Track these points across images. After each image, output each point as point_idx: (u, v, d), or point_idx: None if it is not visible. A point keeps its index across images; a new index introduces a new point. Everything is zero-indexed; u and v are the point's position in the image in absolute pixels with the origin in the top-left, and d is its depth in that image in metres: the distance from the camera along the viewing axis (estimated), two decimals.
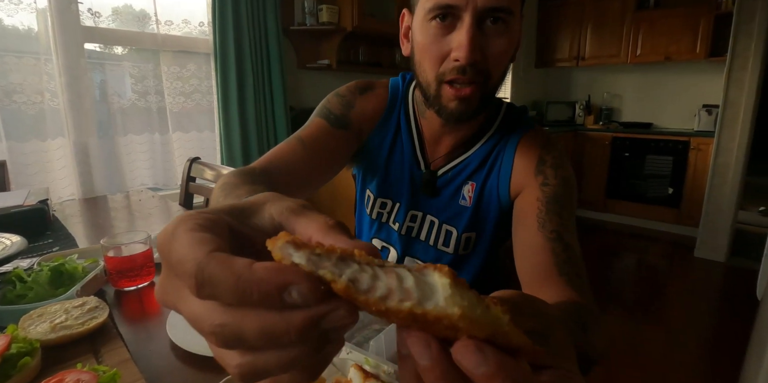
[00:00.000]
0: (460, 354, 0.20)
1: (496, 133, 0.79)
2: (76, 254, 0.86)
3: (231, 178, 0.58)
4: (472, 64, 0.63)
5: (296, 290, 0.19)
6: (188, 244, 0.21)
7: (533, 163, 0.74)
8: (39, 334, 0.58)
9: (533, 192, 0.72)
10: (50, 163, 1.77)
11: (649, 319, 2.40)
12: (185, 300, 0.21)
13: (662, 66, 4.23)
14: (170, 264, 0.21)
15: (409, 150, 0.83)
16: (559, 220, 0.67)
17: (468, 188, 0.80)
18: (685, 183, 3.70)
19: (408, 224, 0.87)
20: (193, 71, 2.12)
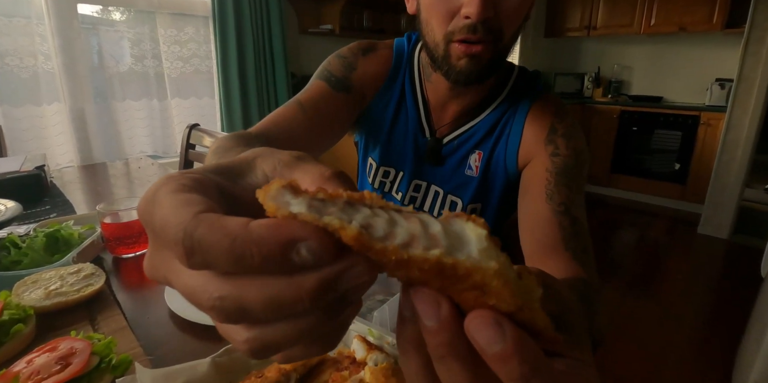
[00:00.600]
0: (475, 326, 0.17)
1: (506, 99, 0.75)
2: (72, 220, 0.84)
3: (224, 142, 0.55)
4: (483, 22, 0.58)
5: (305, 247, 0.16)
6: (172, 207, 0.17)
7: (544, 132, 0.70)
8: (33, 301, 0.56)
9: (542, 163, 0.68)
10: (46, 128, 1.73)
11: (648, 294, 2.41)
12: (177, 272, 0.18)
13: (676, 37, 4.09)
14: (155, 233, 0.18)
15: (413, 116, 0.79)
16: (568, 193, 0.64)
17: (475, 157, 0.76)
18: (693, 159, 3.65)
19: (411, 194, 0.84)
20: (191, 35, 2.04)
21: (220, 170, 0.22)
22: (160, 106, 2.00)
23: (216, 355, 0.45)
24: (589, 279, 0.55)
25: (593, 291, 0.52)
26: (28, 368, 0.43)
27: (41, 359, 0.44)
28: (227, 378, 0.44)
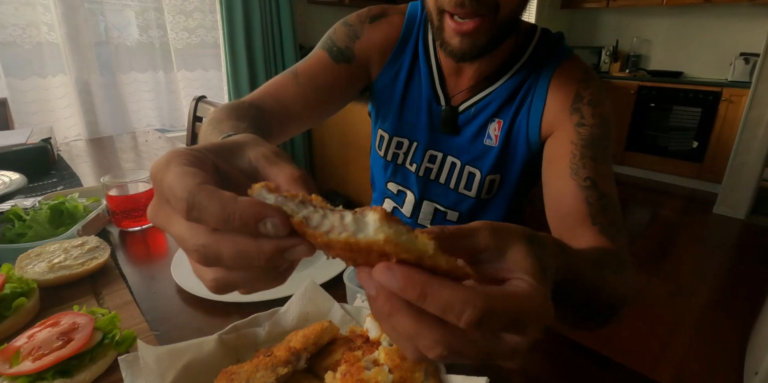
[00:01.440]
0: (377, 274, 0.22)
1: (527, 64, 0.70)
2: (77, 193, 0.83)
3: (218, 113, 0.58)
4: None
5: (270, 222, 0.22)
6: (180, 175, 0.23)
7: (569, 99, 0.66)
8: (36, 274, 0.55)
9: (567, 134, 0.64)
10: (52, 101, 1.71)
11: (661, 273, 2.38)
12: (174, 222, 0.24)
13: (700, 8, 3.91)
14: (162, 191, 0.24)
15: (427, 83, 0.75)
16: (594, 166, 0.61)
17: (494, 126, 0.72)
18: (712, 136, 3.54)
19: (426, 165, 0.80)
20: (196, 4, 1.98)
21: (216, 150, 0.29)
22: (166, 79, 1.96)
23: (223, 332, 0.43)
24: (613, 247, 0.55)
25: (612, 256, 0.51)
26: (29, 343, 0.41)
27: (43, 334, 0.42)
28: (234, 356, 0.43)
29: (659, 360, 1.72)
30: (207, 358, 0.41)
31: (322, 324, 0.42)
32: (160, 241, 0.78)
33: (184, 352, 0.40)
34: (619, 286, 0.46)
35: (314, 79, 0.73)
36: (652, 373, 1.66)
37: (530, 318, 0.23)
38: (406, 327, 0.23)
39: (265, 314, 0.47)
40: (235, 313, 0.53)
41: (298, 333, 0.41)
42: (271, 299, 0.55)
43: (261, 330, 0.45)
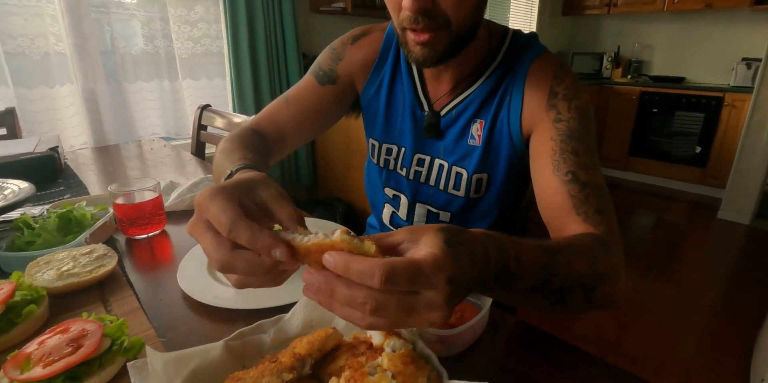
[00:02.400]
0: (324, 259, 0.33)
1: (502, 64, 0.73)
2: (85, 201, 0.84)
3: (228, 144, 0.70)
4: (423, 12, 0.58)
5: (278, 250, 0.35)
6: (224, 209, 0.36)
7: (545, 96, 0.69)
8: (45, 282, 0.56)
9: (546, 130, 0.68)
10: (60, 110, 1.73)
11: (666, 279, 2.37)
12: (206, 238, 0.37)
13: (701, 14, 3.92)
14: (206, 215, 0.37)
15: (409, 90, 0.80)
16: (575, 159, 0.64)
17: (476, 126, 0.75)
18: (715, 142, 3.54)
19: (415, 168, 0.83)
20: (201, 14, 2.00)
21: (239, 187, 0.41)
22: (172, 87, 1.98)
23: (229, 339, 0.44)
24: (595, 232, 0.59)
25: (589, 242, 0.55)
26: (40, 350, 0.42)
27: (53, 340, 0.43)
28: (240, 363, 0.43)
29: (665, 367, 1.71)
30: (213, 364, 0.41)
31: (326, 330, 0.43)
32: (166, 249, 0.79)
33: (191, 358, 0.40)
34: (589, 265, 0.50)
35: (303, 102, 0.83)
36: (658, 380, 1.65)
37: (428, 272, 0.32)
38: (343, 294, 0.32)
39: (270, 321, 0.48)
40: (241, 320, 0.54)
41: (302, 339, 0.42)
42: (276, 306, 0.56)
43: (266, 336, 0.46)
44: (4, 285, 0.51)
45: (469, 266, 0.35)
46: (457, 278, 0.33)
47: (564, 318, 2.01)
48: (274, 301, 0.57)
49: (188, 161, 1.41)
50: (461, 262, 0.34)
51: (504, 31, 0.75)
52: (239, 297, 0.60)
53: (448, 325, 0.49)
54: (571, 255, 0.49)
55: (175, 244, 0.80)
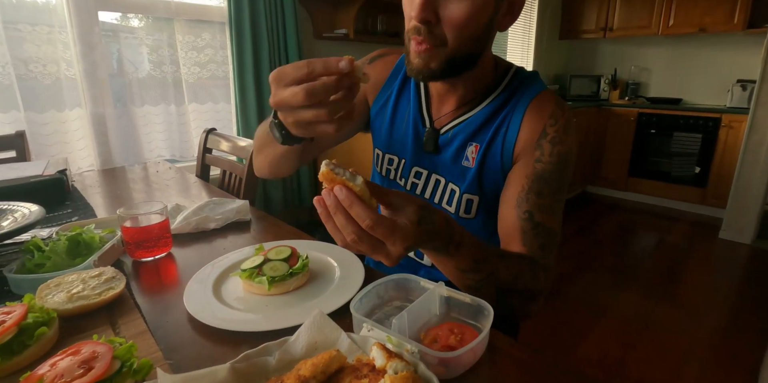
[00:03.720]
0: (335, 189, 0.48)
1: (502, 94, 0.78)
2: (93, 224, 0.86)
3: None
4: (426, 24, 0.64)
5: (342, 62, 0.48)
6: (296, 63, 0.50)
7: (536, 134, 0.74)
8: (56, 304, 0.57)
9: (526, 166, 0.73)
10: (68, 133, 1.77)
11: (669, 300, 2.36)
12: (278, 92, 0.51)
13: (695, 38, 4.02)
14: (284, 76, 0.50)
15: (415, 106, 0.85)
16: (536, 200, 0.71)
17: (472, 149, 0.80)
18: (714, 162, 3.57)
19: (413, 180, 0.88)
20: (207, 41, 2.07)
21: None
22: (178, 111, 2.02)
23: (235, 361, 0.45)
24: (528, 255, 0.71)
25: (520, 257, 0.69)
26: (52, 371, 0.43)
27: (64, 362, 0.44)
28: None
29: None
30: None
31: (330, 353, 0.44)
32: (172, 271, 0.80)
33: (199, 380, 0.42)
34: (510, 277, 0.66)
35: None
36: None
37: (397, 236, 0.48)
38: (341, 221, 0.48)
39: (275, 343, 0.49)
40: (246, 343, 0.55)
41: (307, 361, 0.43)
42: (281, 328, 0.57)
43: (271, 358, 0.47)
44: (17, 308, 0.53)
45: (425, 240, 0.53)
46: (411, 247, 0.50)
47: (567, 339, 1.99)
48: (279, 324, 0.58)
49: (193, 184, 1.44)
50: (420, 237, 0.51)
51: (508, 66, 0.81)
52: (245, 319, 0.61)
53: (449, 348, 0.50)
54: (500, 264, 0.65)
55: (181, 267, 0.81)
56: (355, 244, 0.49)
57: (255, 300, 0.67)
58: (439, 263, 0.63)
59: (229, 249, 0.86)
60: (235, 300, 0.67)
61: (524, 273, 0.67)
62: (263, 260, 0.70)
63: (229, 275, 0.74)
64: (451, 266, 0.62)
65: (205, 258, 0.81)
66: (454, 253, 0.59)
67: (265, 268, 0.68)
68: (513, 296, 0.68)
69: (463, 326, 0.54)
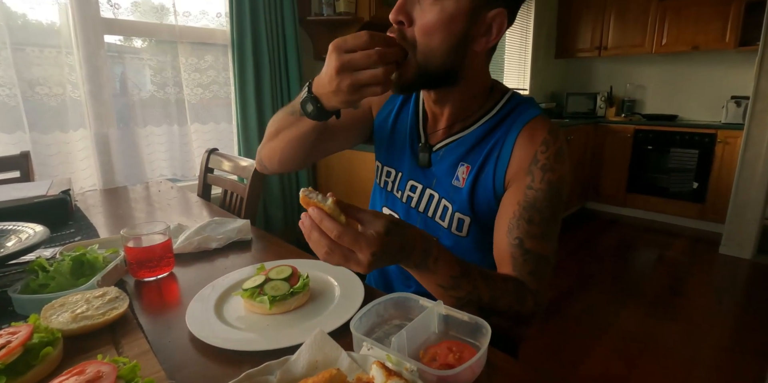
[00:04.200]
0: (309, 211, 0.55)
1: (495, 116, 0.80)
2: (97, 244, 0.87)
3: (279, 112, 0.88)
4: (398, 25, 0.70)
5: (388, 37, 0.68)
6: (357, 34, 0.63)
7: (528, 159, 0.75)
8: (60, 324, 0.58)
9: (517, 193, 0.75)
10: (72, 153, 1.80)
11: (671, 316, 2.35)
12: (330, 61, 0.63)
13: (689, 56, 4.10)
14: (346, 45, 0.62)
15: (412, 123, 0.89)
16: (527, 227, 0.72)
17: (463, 169, 0.81)
18: (711, 177, 3.60)
19: (408, 193, 0.90)
20: (210, 63, 2.12)
21: None
22: (180, 131, 2.06)
23: (237, 380, 0.46)
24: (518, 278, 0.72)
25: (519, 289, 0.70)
26: None
27: (70, 382, 0.45)
28: None
29: None
30: None
31: (330, 371, 0.45)
32: (174, 291, 0.81)
33: None
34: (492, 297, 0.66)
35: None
36: None
37: (362, 244, 0.53)
38: (315, 236, 0.54)
39: (276, 362, 0.50)
40: (248, 362, 0.56)
41: (308, 380, 0.44)
42: (282, 348, 0.58)
43: (272, 378, 0.48)
44: (22, 328, 0.54)
45: (397, 249, 0.57)
46: (378, 253, 0.54)
47: (568, 357, 1.98)
48: (280, 343, 0.59)
49: (194, 203, 1.46)
50: (389, 245, 0.55)
51: (505, 91, 0.84)
52: (246, 339, 0.62)
53: (447, 366, 0.51)
54: (480, 282, 0.66)
55: (183, 286, 0.82)
56: (330, 255, 0.55)
57: (256, 319, 0.68)
58: (424, 280, 0.65)
59: (231, 269, 0.87)
60: (236, 320, 0.68)
61: (508, 293, 0.68)
62: (264, 279, 0.71)
63: (230, 295, 0.75)
64: (433, 283, 0.64)
65: (207, 278, 0.82)
66: (433, 268, 0.62)
67: (267, 288, 0.69)
68: (499, 318, 0.68)
69: (461, 344, 0.55)
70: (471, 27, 0.69)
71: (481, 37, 0.71)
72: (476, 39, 0.71)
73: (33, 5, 1.65)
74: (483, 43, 0.72)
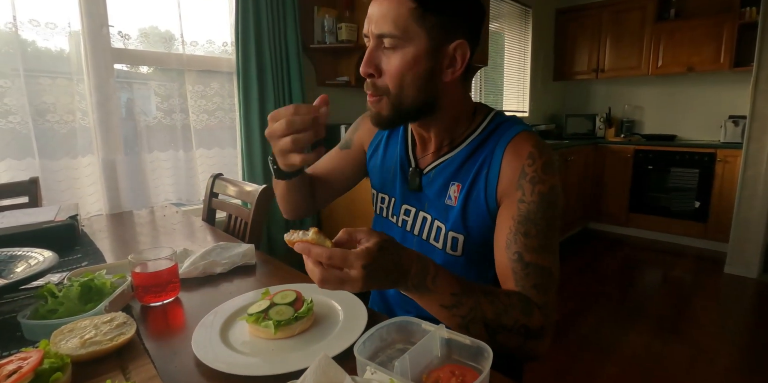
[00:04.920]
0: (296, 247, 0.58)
1: (480, 135, 0.83)
2: (105, 269, 0.88)
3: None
4: (370, 77, 0.76)
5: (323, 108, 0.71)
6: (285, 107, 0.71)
7: (516, 174, 0.76)
8: (69, 349, 0.59)
9: (511, 208, 0.76)
10: (80, 179, 1.83)
11: (678, 338, 2.32)
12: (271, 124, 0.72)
13: (685, 77, 4.17)
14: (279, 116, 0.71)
15: (401, 148, 0.94)
16: (524, 241, 0.73)
17: (454, 189, 0.84)
18: (713, 196, 3.61)
19: (403, 217, 0.93)
20: (216, 89, 2.17)
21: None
22: (185, 157, 2.09)
23: None
24: (520, 293, 0.71)
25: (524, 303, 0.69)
26: None
27: None
28: None
29: None
30: None
31: None
32: (179, 316, 0.82)
33: None
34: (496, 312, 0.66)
35: (326, 161, 1.08)
36: None
37: (352, 259, 0.55)
38: (309, 265, 0.57)
39: None
40: None
41: None
42: (287, 372, 0.59)
43: None
44: (33, 353, 0.55)
45: (390, 266, 0.58)
46: (371, 266, 0.55)
47: (576, 380, 1.95)
48: (285, 368, 0.60)
49: (199, 228, 1.47)
50: (381, 260, 0.56)
51: (488, 111, 0.87)
52: (251, 364, 0.63)
53: None
54: (482, 298, 0.66)
55: (188, 311, 0.83)
56: (325, 281, 0.56)
57: (261, 344, 0.69)
58: (425, 303, 0.65)
59: (236, 294, 0.88)
60: (241, 345, 0.69)
61: (513, 307, 0.67)
62: (269, 304, 0.72)
63: (235, 319, 0.76)
64: (435, 304, 0.65)
65: (212, 303, 0.83)
66: (433, 287, 0.63)
67: (271, 313, 0.70)
68: (508, 335, 0.66)
69: (464, 368, 0.56)
70: (435, 64, 0.75)
71: (446, 69, 0.76)
72: (443, 71, 0.76)
73: (47, 37, 1.71)
74: (450, 74, 0.76)
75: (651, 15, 4.01)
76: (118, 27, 1.86)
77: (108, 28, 1.81)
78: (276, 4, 2.18)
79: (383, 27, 0.71)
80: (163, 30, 2.01)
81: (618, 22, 4.23)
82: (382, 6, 0.72)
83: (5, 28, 1.60)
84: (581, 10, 4.47)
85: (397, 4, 0.70)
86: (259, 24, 2.13)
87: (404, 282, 0.61)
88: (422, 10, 0.70)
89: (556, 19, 4.67)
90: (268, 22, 2.15)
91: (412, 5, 0.70)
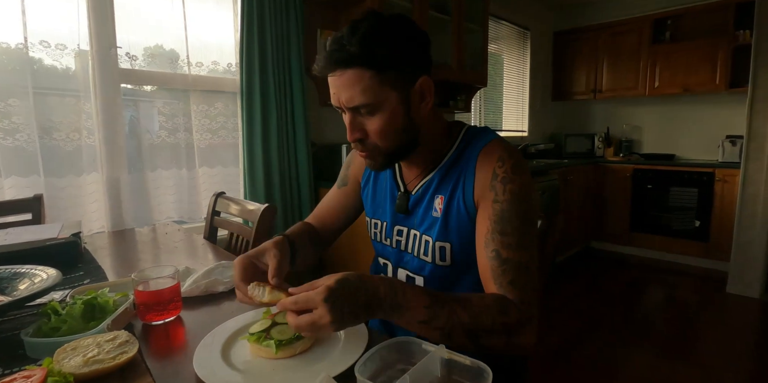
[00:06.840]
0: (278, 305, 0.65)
1: (456, 150, 0.89)
2: (108, 287, 0.89)
3: (299, 226, 1.05)
4: (359, 141, 0.82)
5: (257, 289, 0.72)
6: (237, 273, 0.77)
7: (488, 177, 0.81)
8: (72, 368, 0.60)
9: (486, 209, 0.80)
10: (83, 197, 1.84)
11: (684, 358, 2.29)
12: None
13: (681, 97, 4.23)
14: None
15: (390, 176, 1.00)
16: (500, 239, 0.77)
17: (438, 200, 0.88)
18: (713, 215, 3.61)
19: (396, 238, 0.97)
20: (220, 109, 2.21)
21: (255, 255, 0.80)
22: (188, 175, 2.11)
23: None
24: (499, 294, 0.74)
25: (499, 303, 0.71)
26: None
27: None
28: None
29: None
30: None
31: None
32: (181, 335, 0.82)
33: None
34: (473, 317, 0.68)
35: (326, 202, 1.14)
36: None
37: (312, 296, 0.59)
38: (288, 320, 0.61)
39: None
40: None
41: None
42: None
43: None
44: (37, 372, 0.55)
45: (354, 293, 0.61)
46: (331, 299, 0.58)
47: None
48: None
49: (201, 246, 1.48)
50: (341, 291, 0.59)
51: (461, 127, 0.92)
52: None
53: None
54: (455, 305, 0.68)
55: (190, 330, 0.84)
56: (299, 327, 0.60)
57: (262, 363, 0.69)
58: (404, 322, 0.67)
59: (237, 313, 0.88)
60: (242, 364, 0.69)
61: (487, 308, 0.69)
62: (271, 323, 0.73)
63: (237, 338, 0.77)
64: (414, 321, 0.66)
65: (214, 322, 0.83)
66: (405, 303, 0.65)
67: (273, 332, 0.71)
68: (489, 336, 0.69)
69: None
70: (409, 107, 0.80)
71: (418, 104, 0.81)
72: (418, 109, 0.81)
73: (56, 58, 1.76)
74: (424, 107, 0.82)
75: (647, 37, 4.10)
76: (125, 48, 1.91)
77: (116, 50, 1.86)
78: (280, 27, 2.24)
79: (355, 100, 0.76)
80: (168, 48, 2.06)
81: (615, 44, 4.32)
82: (344, 81, 0.75)
83: (16, 48, 1.65)
84: (579, 33, 4.57)
85: (358, 77, 0.74)
86: (263, 46, 2.18)
87: (378, 304, 0.63)
88: (381, 73, 0.74)
89: (555, 41, 4.77)
90: (272, 43, 2.20)
91: (370, 73, 0.74)
